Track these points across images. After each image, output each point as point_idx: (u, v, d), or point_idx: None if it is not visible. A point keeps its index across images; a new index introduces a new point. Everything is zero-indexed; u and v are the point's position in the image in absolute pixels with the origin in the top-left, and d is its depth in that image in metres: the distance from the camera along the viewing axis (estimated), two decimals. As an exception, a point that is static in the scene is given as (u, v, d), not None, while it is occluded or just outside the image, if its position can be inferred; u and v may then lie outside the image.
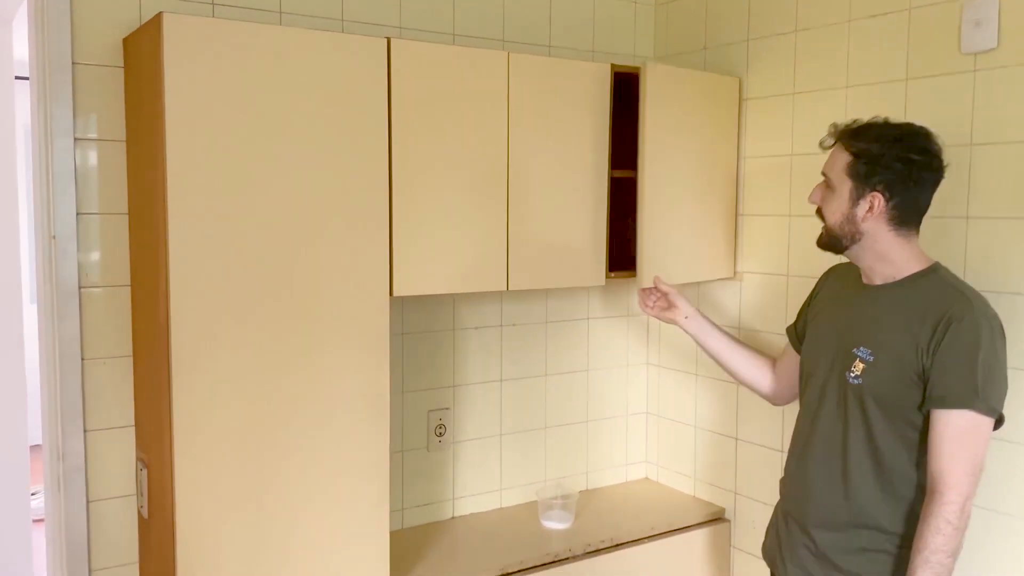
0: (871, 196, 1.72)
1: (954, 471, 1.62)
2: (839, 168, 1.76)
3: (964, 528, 1.64)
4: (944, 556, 1.62)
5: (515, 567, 2.30)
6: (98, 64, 1.98)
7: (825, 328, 1.90)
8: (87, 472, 2.02)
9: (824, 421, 1.82)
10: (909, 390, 1.69)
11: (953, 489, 1.62)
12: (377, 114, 1.95)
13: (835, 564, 1.78)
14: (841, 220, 1.76)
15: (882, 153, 1.70)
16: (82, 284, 2.00)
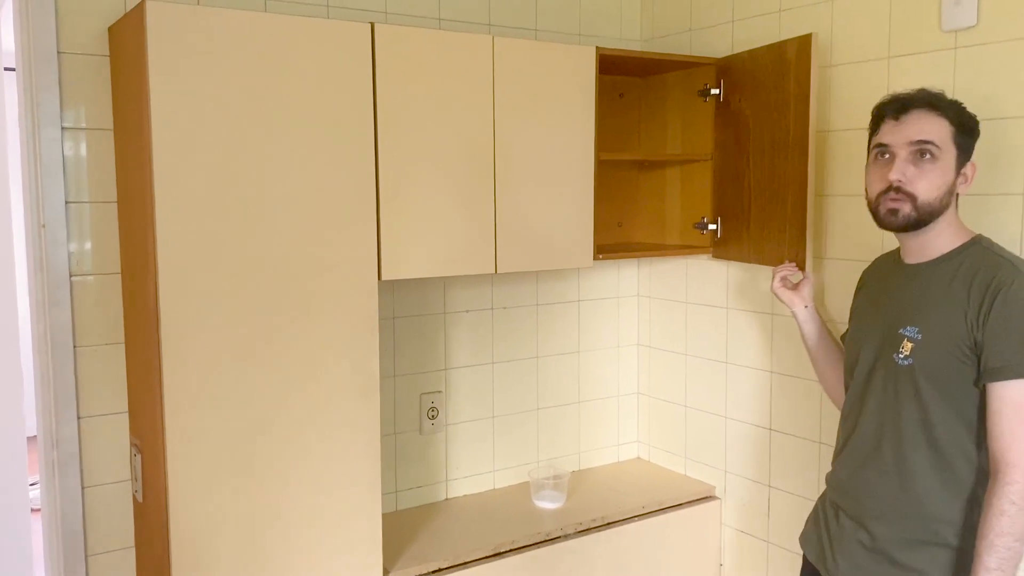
0: (971, 165, 1.69)
1: (1016, 448, 1.53)
2: (941, 137, 1.66)
3: None
4: (1011, 540, 1.52)
5: (507, 546, 2.33)
6: (84, 53, 1.99)
7: (866, 315, 1.84)
8: (81, 458, 2.05)
9: (873, 408, 1.74)
10: (963, 365, 1.61)
11: (1016, 468, 1.53)
12: (362, 99, 1.96)
13: (893, 559, 1.69)
14: (943, 192, 1.66)
15: (973, 123, 1.70)
16: (73, 272, 2.01)
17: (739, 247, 2.47)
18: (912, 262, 1.76)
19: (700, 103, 2.58)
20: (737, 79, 2.44)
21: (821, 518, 1.89)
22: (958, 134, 1.67)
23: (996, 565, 1.53)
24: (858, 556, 1.75)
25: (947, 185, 1.67)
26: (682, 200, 2.70)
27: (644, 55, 2.48)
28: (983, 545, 1.54)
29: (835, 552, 1.80)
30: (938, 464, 1.65)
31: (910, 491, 1.68)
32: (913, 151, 1.67)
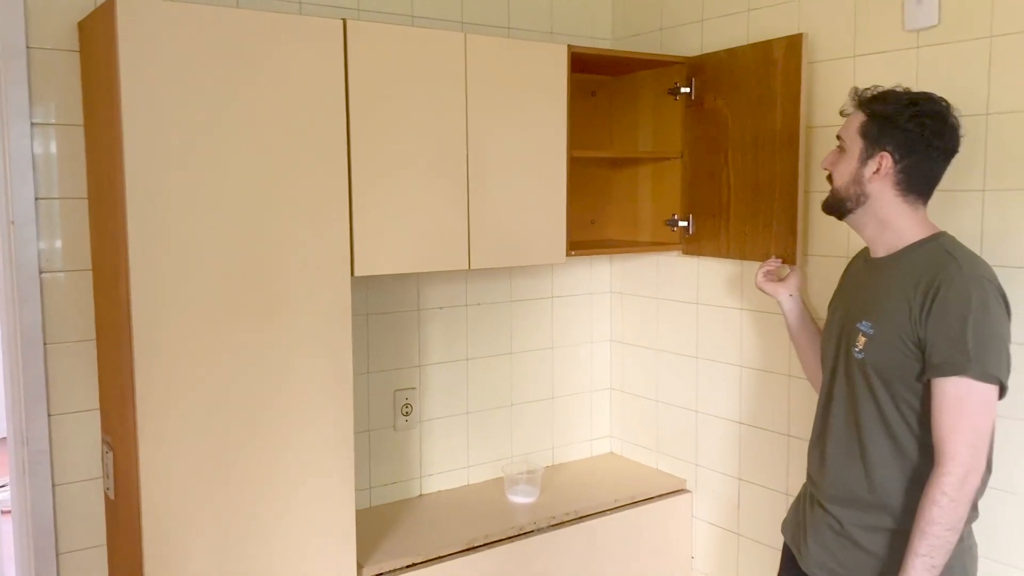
0: (880, 156, 1.72)
1: (954, 442, 1.58)
2: (852, 129, 1.76)
3: (966, 502, 1.59)
4: (942, 529, 1.58)
5: (481, 540, 2.34)
6: (53, 48, 1.98)
7: (836, 310, 1.89)
8: (52, 456, 2.03)
9: (837, 400, 1.81)
10: (908, 360, 1.66)
11: (952, 460, 1.58)
12: (335, 95, 1.97)
13: (857, 543, 1.75)
14: (849, 180, 1.76)
15: (895, 114, 1.70)
16: (43, 269, 2.00)
17: (715, 243, 2.50)
18: (874, 256, 1.81)
19: (671, 101, 2.61)
20: (712, 77, 2.47)
21: (799, 504, 1.96)
22: (867, 125, 1.74)
23: (925, 551, 1.59)
24: (827, 540, 1.81)
25: (852, 174, 1.76)
26: (653, 197, 2.73)
27: (615, 54, 2.51)
28: (916, 531, 1.61)
29: (807, 536, 1.86)
30: (895, 454, 1.71)
31: (871, 479, 1.73)
32: (837, 144, 1.82)
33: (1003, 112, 1.90)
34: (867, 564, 1.74)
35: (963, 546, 1.68)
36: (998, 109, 1.90)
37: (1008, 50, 1.88)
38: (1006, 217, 1.90)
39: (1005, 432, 1.93)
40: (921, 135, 1.69)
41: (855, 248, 2.06)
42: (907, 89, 1.77)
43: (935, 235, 1.75)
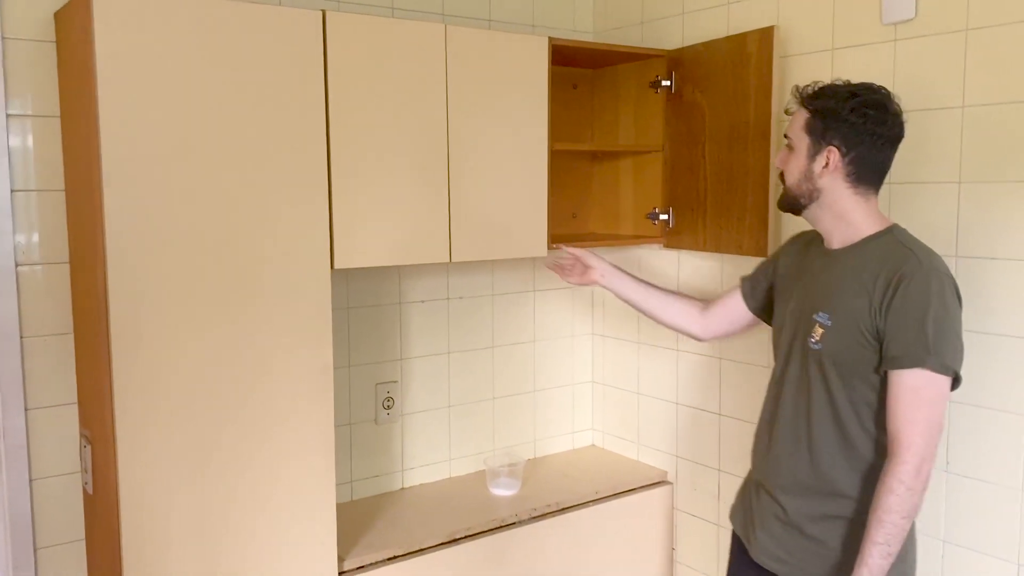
0: (827, 151, 1.74)
1: (909, 431, 1.62)
2: (798, 127, 1.79)
3: (921, 490, 1.63)
4: (898, 517, 1.61)
5: (463, 533, 2.35)
6: (29, 39, 1.96)
7: (789, 297, 1.90)
8: (29, 450, 2.02)
9: (789, 389, 1.83)
10: (865, 352, 1.69)
11: (908, 450, 1.61)
12: (314, 86, 1.96)
13: (803, 531, 1.78)
14: (800, 178, 1.78)
15: (837, 108, 1.72)
16: (19, 262, 1.99)
17: (694, 236, 2.51)
18: (829, 247, 1.84)
19: (652, 94, 2.61)
20: (691, 71, 2.48)
21: (745, 492, 1.98)
22: (811, 121, 1.76)
23: (883, 539, 1.62)
24: (775, 528, 1.84)
25: (802, 171, 1.78)
26: (635, 191, 2.74)
27: (596, 46, 2.51)
28: (873, 520, 1.64)
29: (755, 525, 1.89)
30: (843, 444, 1.74)
31: (818, 468, 1.76)
32: (786, 143, 1.84)
33: (978, 105, 1.92)
34: (815, 552, 1.77)
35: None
36: (973, 102, 1.92)
37: (983, 43, 1.90)
38: (981, 209, 1.92)
39: (971, 420, 1.95)
40: (864, 125, 1.72)
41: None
42: (847, 82, 1.78)
43: (889, 228, 1.77)
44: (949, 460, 2.01)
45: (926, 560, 2.06)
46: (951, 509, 2.01)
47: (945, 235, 1.98)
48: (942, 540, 2.03)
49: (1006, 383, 1.90)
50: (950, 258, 1.97)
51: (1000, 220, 1.89)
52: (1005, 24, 1.86)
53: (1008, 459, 1.91)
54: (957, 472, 2.00)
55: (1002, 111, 1.88)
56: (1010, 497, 1.91)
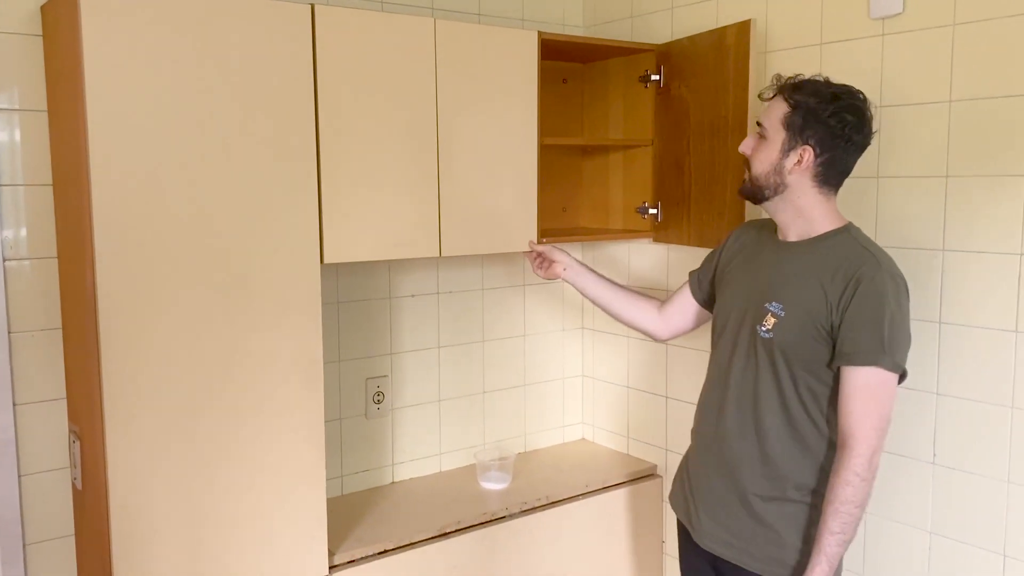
0: (802, 149, 1.75)
1: (862, 426, 1.68)
2: (775, 118, 1.79)
3: (872, 479, 1.70)
4: (853, 507, 1.68)
5: (453, 527, 2.35)
6: (15, 33, 1.95)
7: (739, 284, 1.93)
8: (18, 446, 2.01)
9: (736, 374, 1.86)
10: (818, 345, 1.73)
11: (862, 443, 1.68)
12: (302, 81, 1.96)
13: (750, 514, 1.82)
14: (769, 170, 1.79)
15: (819, 108, 1.74)
16: (7, 257, 1.98)
17: (679, 231, 2.51)
18: (784, 239, 1.86)
19: (641, 89, 2.62)
20: (677, 65, 2.48)
21: (684, 475, 2.02)
22: (791, 116, 1.76)
23: (839, 528, 1.69)
24: (719, 512, 1.88)
25: (772, 163, 1.79)
26: (624, 185, 2.74)
27: (586, 40, 2.51)
28: (829, 510, 1.70)
29: (699, 508, 1.92)
30: (790, 431, 1.79)
31: (766, 452, 1.81)
32: (757, 130, 1.85)
33: (965, 100, 1.93)
34: (763, 535, 1.81)
35: None
36: (960, 97, 1.93)
37: (970, 38, 1.91)
38: (970, 203, 1.94)
39: (958, 412, 1.97)
40: (843, 131, 1.74)
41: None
42: (827, 79, 1.80)
43: (846, 226, 1.81)
44: (936, 452, 2.03)
45: (913, 551, 2.08)
46: (938, 501, 2.03)
47: (932, 229, 2.00)
48: (929, 532, 2.05)
49: (992, 376, 1.92)
50: (937, 251, 1.99)
51: (986, 214, 1.91)
52: (992, 19, 1.87)
53: (994, 451, 1.93)
54: (944, 464, 2.01)
55: (989, 106, 1.89)
56: (996, 488, 1.93)
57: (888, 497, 2.12)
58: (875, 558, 2.17)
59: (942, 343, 2.00)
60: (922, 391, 2.03)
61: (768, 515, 1.81)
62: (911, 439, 2.07)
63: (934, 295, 2.00)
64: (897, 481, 2.10)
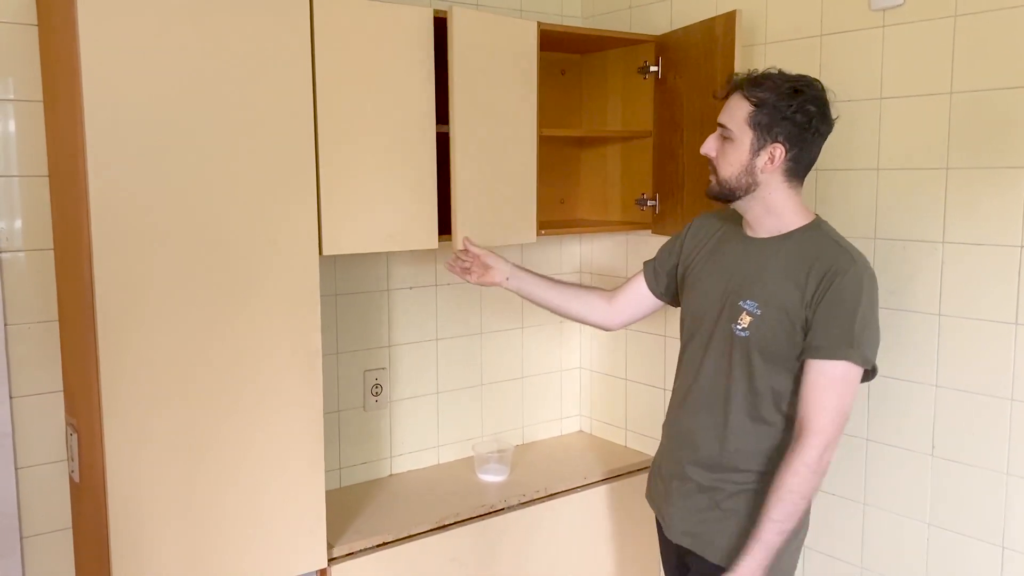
0: (772, 147, 1.73)
1: (821, 418, 1.68)
2: (739, 118, 1.75)
3: (822, 473, 1.69)
4: (798, 497, 1.68)
5: (451, 519, 2.35)
6: (10, 22, 1.93)
7: (709, 281, 1.90)
8: (15, 438, 2.00)
9: (707, 373, 1.85)
10: (792, 340, 1.73)
11: (818, 435, 1.67)
12: (301, 71, 1.94)
13: (716, 503, 1.83)
14: (740, 171, 1.76)
15: (782, 104, 1.71)
16: (2, 248, 1.96)
17: (674, 223, 2.51)
18: (753, 236, 1.84)
19: (640, 80, 2.61)
20: (673, 56, 2.47)
21: (657, 470, 2.04)
22: (755, 115, 1.73)
23: (780, 517, 1.69)
24: (683, 505, 1.89)
25: (742, 164, 1.76)
26: (623, 177, 2.73)
27: (584, 31, 2.50)
28: (773, 498, 1.70)
29: (669, 502, 1.94)
30: (756, 425, 1.80)
31: (728, 447, 1.82)
32: (720, 131, 1.80)
33: (966, 91, 1.92)
34: (726, 528, 1.82)
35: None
36: (961, 88, 1.93)
37: (972, 30, 1.90)
38: (970, 195, 1.93)
39: (956, 405, 1.97)
40: (809, 124, 1.72)
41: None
42: (780, 71, 1.76)
43: (815, 221, 1.80)
44: (935, 444, 2.03)
45: (911, 544, 2.09)
46: (936, 493, 2.04)
47: (932, 221, 2.00)
48: (927, 524, 2.05)
49: (991, 368, 1.92)
50: (937, 243, 1.99)
51: (987, 206, 1.91)
52: (993, 10, 1.86)
53: (993, 443, 1.93)
54: (942, 456, 2.02)
55: (990, 97, 1.89)
56: (995, 480, 1.93)
57: (887, 489, 2.12)
58: (873, 550, 2.17)
59: (941, 335, 2.00)
60: (921, 383, 2.04)
61: (732, 508, 1.82)
62: (910, 431, 2.07)
63: (934, 287, 2.00)
64: (896, 473, 2.10)
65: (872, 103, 2.08)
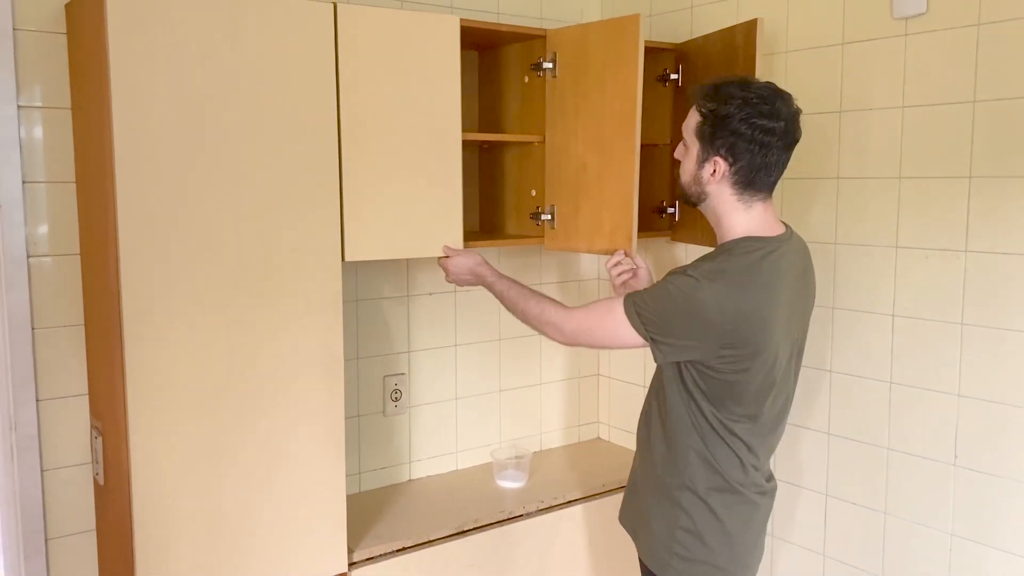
0: (714, 160, 1.72)
1: (579, 312, 1.87)
2: (690, 128, 1.76)
3: (536, 324, 1.93)
4: (532, 308, 1.95)
5: (470, 525, 2.36)
6: (40, 31, 1.96)
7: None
8: (40, 441, 2.03)
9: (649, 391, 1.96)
10: None
11: (571, 317, 1.88)
12: (325, 79, 1.96)
13: None
14: (689, 180, 1.78)
15: (727, 115, 1.68)
16: (30, 253, 1.99)
17: (693, 231, 2.50)
18: None
19: (660, 88, 2.61)
20: (693, 64, 2.48)
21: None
22: (702, 126, 1.73)
23: (517, 296, 2.01)
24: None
25: (692, 173, 1.78)
26: (642, 185, 2.72)
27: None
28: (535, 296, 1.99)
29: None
30: (666, 439, 1.87)
31: (654, 464, 1.89)
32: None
33: (990, 100, 1.92)
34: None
35: None
36: (985, 97, 1.92)
37: (995, 39, 1.90)
38: (994, 204, 1.93)
39: (980, 415, 1.96)
40: (753, 135, 1.68)
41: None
42: (744, 79, 1.74)
43: (739, 240, 1.74)
44: (957, 454, 2.02)
45: (933, 554, 2.08)
46: (959, 503, 2.02)
47: (956, 228, 1.99)
48: (950, 534, 2.04)
49: (1015, 378, 1.91)
50: (960, 252, 1.98)
51: (1010, 215, 1.90)
52: (1018, 19, 1.86)
53: (1017, 453, 1.92)
54: (965, 466, 2.01)
55: (1014, 107, 1.88)
56: (1019, 491, 1.92)
57: (909, 499, 2.11)
58: (895, 560, 2.16)
59: (964, 345, 1.99)
60: (944, 392, 2.03)
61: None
62: (932, 441, 2.06)
63: (956, 296, 1.99)
64: (918, 483, 2.09)
65: (894, 111, 2.08)
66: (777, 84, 1.75)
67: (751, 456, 1.79)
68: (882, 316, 2.14)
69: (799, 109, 1.73)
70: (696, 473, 1.78)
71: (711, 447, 1.77)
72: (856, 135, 2.17)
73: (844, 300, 2.22)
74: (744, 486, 1.79)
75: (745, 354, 1.68)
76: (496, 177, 2.58)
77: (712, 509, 1.78)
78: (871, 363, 2.17)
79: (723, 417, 1.75)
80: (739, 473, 1.78)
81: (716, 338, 1.67)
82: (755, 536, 1.86)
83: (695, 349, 1.70)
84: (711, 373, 1.72)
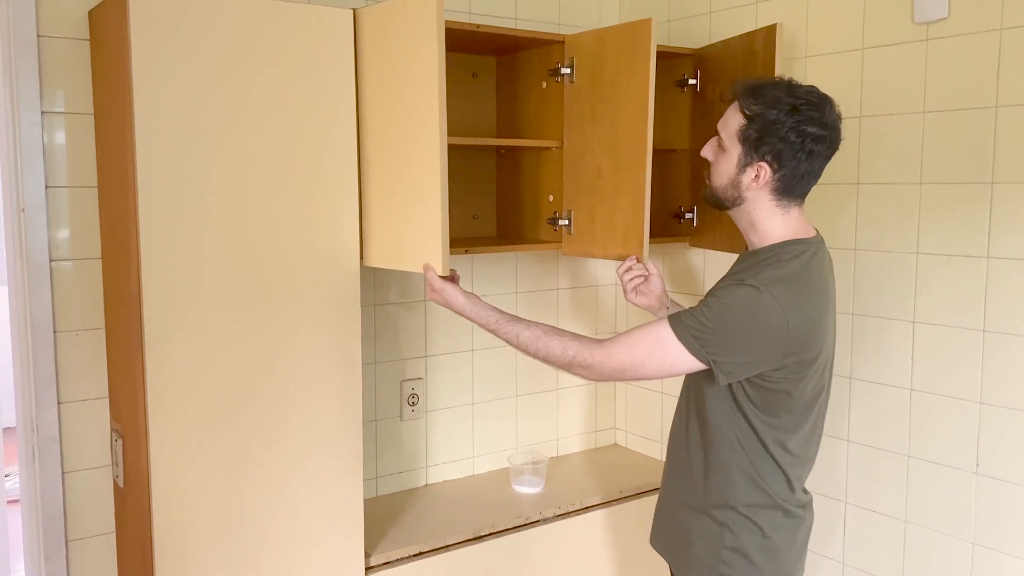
0: (758, 165, 1.66)
1: (618, 346, 1.70)
2: (731, 129, 1.69)
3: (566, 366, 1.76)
4: (540, 346, 1.80)
5: (487, 530, 2.35)
6: (64, 37, 1.98)
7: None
8: (62, 444, 2.04)
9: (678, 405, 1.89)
10: None
11: (606, 352, 1.71)
12: (345, 85, 1.97)
13: None
14: (727, 183, 1.71)
15: (776, 121, 1.62)
16: (52, 257, 2.01)
17: (712, 236, 2.50)
18: (747, 247, 1.80)
19: (679, 93, 2.60)
20: (711, 69, 2.47)
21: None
22: (746, 129, 1.66)
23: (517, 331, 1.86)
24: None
25: (729, 177, 1.70)
26: (660, 190, 2.72)
27: (623, 45, 2.50)
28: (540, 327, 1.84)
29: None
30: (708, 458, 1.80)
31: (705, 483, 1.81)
32: (717, 138, 1.75)
33: (1012, 105, 1.90)
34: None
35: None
36: (1007, 102, 1.91)
37: (1018, 43, 1.88)
38: (1018, 209, 1.91)
39: (1002, 422, 1.94)
40: (803, 144, 1.62)
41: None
42: (789, 82, 1.67)
43: (784, 243, 1.70)
44: (979, 462, 2.00)
45: (954, 563, 2.05)
46: (981, 511, 2.00)
47: (978, 236, 1.97)
48: (971, 543, 2.02)
49: (1038, 385, 1.89)
50: (981, 259, 1.96)
51: (1033, 221, 1.88)
52: (1040, 23, 1.84)
53: (1039, 462, 1.90)
54: (987, 474, 1.99)
55: (1036, 111, 1.86)
56: (1041, 500, 1.90)
57: (930, 507, 2.09)
58: (916, 569, 2.14)
59: (986, 352, 1.97)
60: (966, 400, 2.01)
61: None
62: (954, 449, 2.04)
63: (978, 302, 1.97)
64: (939, 491, 2.07)
65: (915, 117, 2.07)
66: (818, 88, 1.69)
67: (796, 469, 1.75)
68: (903, 323, 2.12)
69: (840, 114, 1.68)
70: (740, 492, 1.73)
71: (757, 464, 1.72)
72: (876, 140, 2.15)
73: (865, 306, 2.20)
74: (787, 502, 1.75)
75: (805, 360, 1.64)
76: (514, 182, 2.58)
77: (759, 526, 1.74)
78: (892, 370, 2.15)
79: (772, 430, 1.70)
80: (784, 489, 1.74)
81: (781, 347, 1.61)
82: (799, 551, 1.82)
83: (759, 363, 1.63)
84: (766, 384, 1.66)
